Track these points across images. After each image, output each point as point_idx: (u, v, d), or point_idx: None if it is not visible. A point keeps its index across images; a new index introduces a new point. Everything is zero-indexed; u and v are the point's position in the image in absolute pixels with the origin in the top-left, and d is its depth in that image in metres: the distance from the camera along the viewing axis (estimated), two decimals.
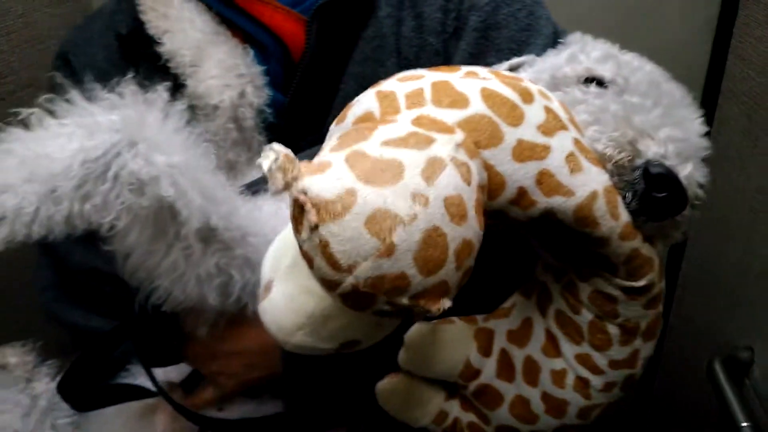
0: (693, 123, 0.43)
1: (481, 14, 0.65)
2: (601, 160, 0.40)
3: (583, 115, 0.41)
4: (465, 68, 0.40)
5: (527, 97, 0.38)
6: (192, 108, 0.64)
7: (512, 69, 0.54)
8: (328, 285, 0.32)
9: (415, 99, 0.38)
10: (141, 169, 0.46)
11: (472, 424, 0.53)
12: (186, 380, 0.64)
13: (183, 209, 0.48)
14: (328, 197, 0.31)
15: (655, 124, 0.41)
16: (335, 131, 0.41)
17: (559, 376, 0.48)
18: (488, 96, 0.37)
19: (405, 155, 0.32)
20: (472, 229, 0.33)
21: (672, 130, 0.41)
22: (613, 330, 0.45)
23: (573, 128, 0.39)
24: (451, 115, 0.36)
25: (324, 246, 0.31)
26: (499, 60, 0.63)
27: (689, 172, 0.40)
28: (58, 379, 0.63)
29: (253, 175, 0.65)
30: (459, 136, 0.35)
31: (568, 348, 0.47)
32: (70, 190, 0.45)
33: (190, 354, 0.62)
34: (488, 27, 0.64)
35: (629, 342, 0.45)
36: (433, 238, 0.31)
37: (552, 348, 0.48)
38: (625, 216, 0.40)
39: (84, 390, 0.63)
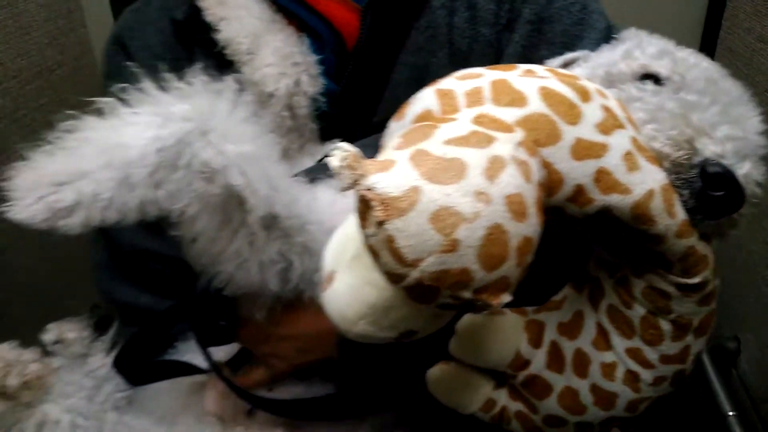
0: (751, 120, 0.43)
1: (535, 7, 0.65)
2: (658, 158, 0.40)
3: (639, 113, 0.42)
4: (523, 66, 0.40)
5: (585, 95, 0.39)
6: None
7: (567, 64, 0.55)
8: (394, 278, 0.34)
9: (474, 97, 0.39)
10: (213, 158, 0.47)
11: (519, 413, 0.54)
12: (233, 359, 0.66)
13: (250, 197, 0.49)
14: (394, 194, 0.32)
15: (713, 122, 0.41)
16: (395, 128, 0.42)
17: (609, 369, 0.48)
18: (547, 95, 0.38)
19: (467, 154, 0.33)
20: (532, 226, 0.34)
21: (730, 129, 0.41)
22: (665, 325, 0.45)
23: (630, 126, 0.40)
24: (510, 114, 0.37)
25: (390, 241, 0.33)
26: (552, 53, 0.63)
27: (747, 170, 0.40)
28: (112, 354, 0.66)
29: (304, 162, 0.66)
30: (519, 134, 0.36)
31: (619, 342, 0.47)
32: (145, 177, 0.47)
33: (243, 335, 0.64)
34: (541, 20, 0.65)
35: (681, 338, 0.46)
36: (495, 235, 0.32)
37: (602, 341, 0.48)
38: (681, 214, 0.40)
39: (138, 365, 0.65)
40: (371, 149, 0.63)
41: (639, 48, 0.49)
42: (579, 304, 0.50)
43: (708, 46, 1.18)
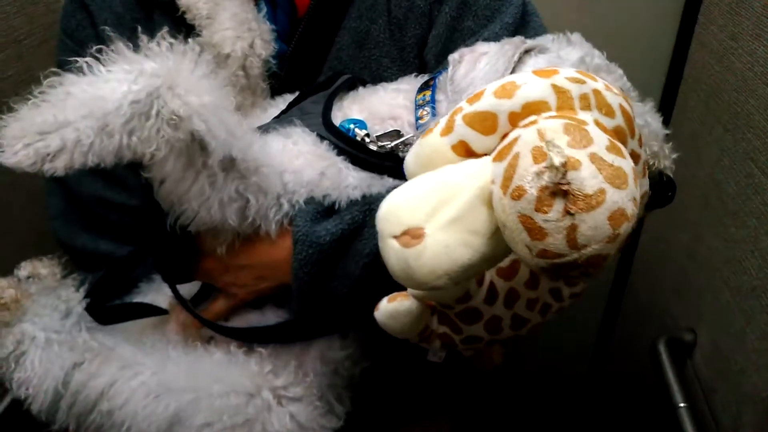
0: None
1: None
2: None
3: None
4: (601, 80, 0.49)
5: (630, 119, 0.50)
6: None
7: (527, 51, 0.64)
8: (549, 256, 0.40)
9: (585, 102, 0.46)
10: (179, 108, 0.53)
11: (444, 334, 0.65)
12: (193, 298, 0.72)
13: (211, 141, 0.55)
14: (588, 192, 0.39)
15: (661, 140, 0.58)
16: (499, 104, 0.45)
17: (532, 304, 0.58)
18: (623, 111, 0.48)
19: (623, 164, 0.41)
20: None
21: (666, 148, 0.59)
22: None
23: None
24: (608, 123, 0.46)
25: (572, 228, 0.39)
26: (476, 24, 0.71)
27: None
28: (82, 289, 0.70)
29: (255, 116, 0.72)
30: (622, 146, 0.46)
31: (546, 284, 0.61)
32: (121, 126, 0.53)
33: (206, 268, 0.67)
34: None
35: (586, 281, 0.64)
36: (629, 231, 0.42)
37: (533, 283, 0.61)
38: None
39: (106, 307, 0.69)
40: (318, 105, 0.65)
41: (589, 56, 0.63)
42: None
43: (683, 41, 1.15)
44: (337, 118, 0.65)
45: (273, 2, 0.71)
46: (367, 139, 0.62)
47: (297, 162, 0.63)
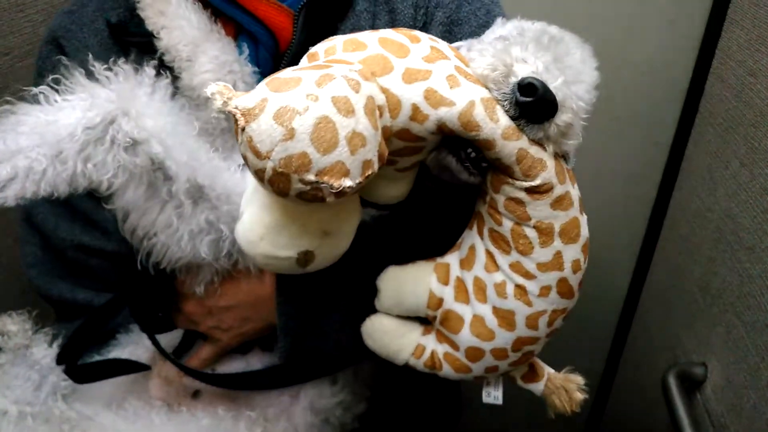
0: (572, 55, 0.56)
1: (446, 11, 0.80)
2: (481, 80, 0.52)
3: (474, 54, 0.54)
4: (370, 32, 0.55)
5: (414, 39, 0.54)
6: (185, 98, 0.74)
7: None
8: (259, 175, 0.47)
9: (330, 51, 0.53)
10: (133, 131, 0.58)
11: (447, 354, 0.63)
12: (175, 350, 0.75)
13: (172, 166, 0.60)
14: (249, 105, 0.46)
15: (530, 53, 0.53)
16: None
17: (500, 288, 0.61)
18: (382, 40, 0.54)
19: (305, 74, 0.47)
20: (362, 124, 0.47)
21: (545, 56, 0.54)
22: (530, 233, 0.58)
23: (456, 60, 0.53)
24: (353, 56, 0.53)
25: (249, 141, 0.46)
26: None
27: (560, 82, 0.52)
28: (55, 344, 0.72)
29: (235, 158, 0.72)
30: (356, 66, 0.50)
31: (503, 260, 0.60)
32: (75, 153, 0.56)
33: (188, 312, 0.72)
34: (452, 22, 0.80)
35: (548, 243, 0.56)
36: (323, 124, 0.46)
37: (492, 264, 0.60)
38: (504, 120, 0.55)
39: (81, 364, 0.71)
40: None
41: (501, 27, 0.63)
42: (471, 238, 0.64)
43: (700, 74, 1.23)
44: None
45: (254, 40, 0.79)
46: None
47: None
